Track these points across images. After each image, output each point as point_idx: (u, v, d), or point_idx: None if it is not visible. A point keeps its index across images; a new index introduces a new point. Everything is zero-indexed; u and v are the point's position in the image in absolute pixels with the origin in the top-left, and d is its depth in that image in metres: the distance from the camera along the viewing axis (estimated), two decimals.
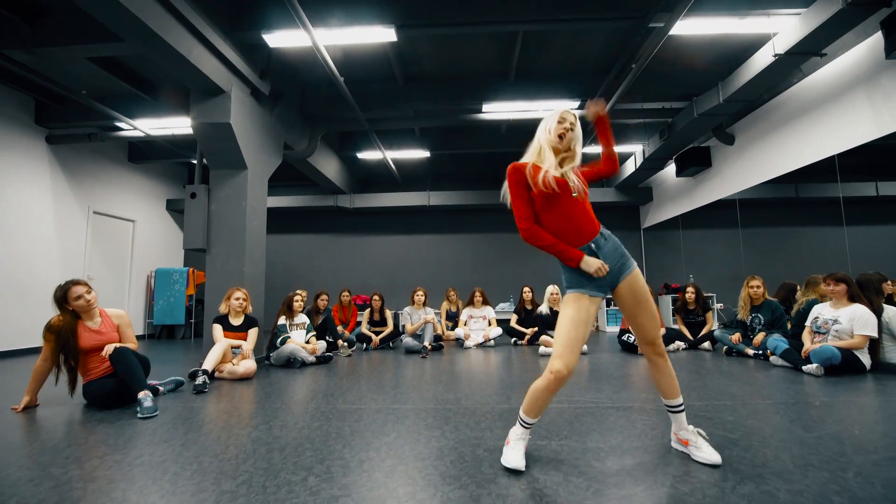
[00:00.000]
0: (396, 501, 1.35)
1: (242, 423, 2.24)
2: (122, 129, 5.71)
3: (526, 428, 1.64)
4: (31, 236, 5.45)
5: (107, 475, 1.58)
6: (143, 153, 7.05)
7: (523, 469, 1.54)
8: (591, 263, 1.58)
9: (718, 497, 1.34)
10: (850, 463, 1.59)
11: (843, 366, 3.22)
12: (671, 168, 6.55)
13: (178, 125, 5.45)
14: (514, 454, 1.58)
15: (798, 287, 4.61)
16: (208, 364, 3.27)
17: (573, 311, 1.60)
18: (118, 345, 2.70)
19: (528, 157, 1.72)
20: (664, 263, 7.68)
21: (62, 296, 2.64)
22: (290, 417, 2.33)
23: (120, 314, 2.91)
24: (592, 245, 1.64)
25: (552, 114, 1.72)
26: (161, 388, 2.96)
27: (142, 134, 5.57)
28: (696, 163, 5.77)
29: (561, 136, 1.67)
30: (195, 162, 7.20)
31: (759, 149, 4.89)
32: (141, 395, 2.50)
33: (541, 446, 1.81)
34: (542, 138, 1.70)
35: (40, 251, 5.56)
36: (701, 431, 1.71)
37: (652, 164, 6.40)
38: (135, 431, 2.12)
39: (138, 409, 2.43)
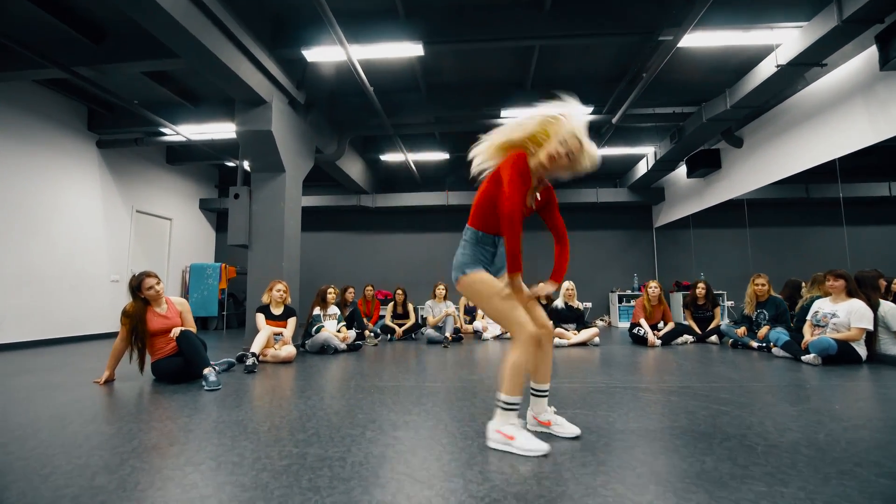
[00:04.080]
0: (441, 448, 1.67)
1: (297, 395, 2.59)
2: (164, 134, 6.16)
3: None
4: (83, 233, 5.93)
5: (193, 433, 1.95)
6: (180, 155, 7.52)
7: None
8: (541, 288, 1.72)
9: (706, 449, 1.64)
10: (824, 428, 1.87)
11: (839, 356, 3.46)
12: (682, 169, 6.76)
13: (217, 130, 5.87)
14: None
15: (803, 284, 4.83)
16: (255, 348, 3.64)
17: (493, 280, 1.71)
18: (183, 328, 3.09)
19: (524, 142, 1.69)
20: (675, 262, 7.89)
21: (137, 285, 3.03)
22: (337, 391, 2.69)
23: (182, 301, 3.30)
24: (497, 239, 1.80)
25: (574, 126, 1.60)
26: (216, 368, 3.34)
27: (183, 138, 6.00)
28: (706, 164, 5.99)
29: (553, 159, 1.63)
30: (229, 164, 7.66)
31: (767, 151, 5.10)
32: (206, 371, 2.87)
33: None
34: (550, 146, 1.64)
35: (91, 247, 6.04)
36: (554, 409, 1.84)
37: (663, 166, 6.63)
38: (206, 401, 2.47)
39: (204, 383, 2.80)
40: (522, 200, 1.61)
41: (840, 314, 3.60)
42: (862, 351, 3.54)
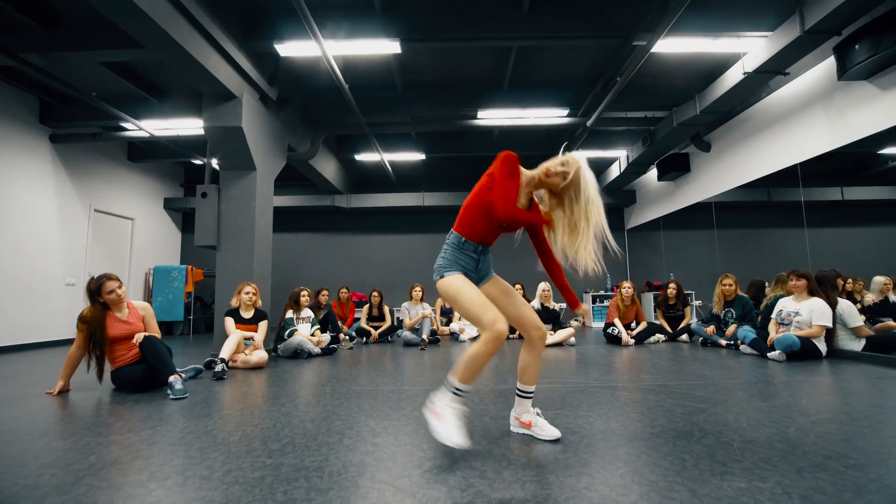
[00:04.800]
0: (423, 454, 1.62)
1: (270, 402, 2.48)
2: (125, 129, 5.84)
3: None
4: (35, 234, 5.55)
5: (158, 446, 1.83)
6: (143, 152, 7.16)
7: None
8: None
9: (686, 447, 1.65)
10: (794, 422, 1.92)
11: (802, 352, 3.61)
12: (653, 172, 6.95)
13: (182, 126, 5.61)
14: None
15: (767, 284, 5.03)
16: (224, 353, 3.48)
17: (469, 284, 1.67)
18: (146, 333, 2.92)
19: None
20: (646, 262, 8.09)
21: (96, 289, 2.84)
22: (312, 397, 2.59)
23: (145, 306, 3.12)
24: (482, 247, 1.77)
25: (579, 166, 1.67)
26: (182, 375, 3.17)
27: (146, 134, 5.71)
28: (676, 168, 6.17)
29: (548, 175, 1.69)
30: (196, 161, 7.36)
31: (733, 156, 5.30)
32: (171, 378, 2.72)
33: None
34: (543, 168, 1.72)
35: (43, 248, 5.66)
36: (539, 411, 1.83)
37: (635, 169, 6.80)
38: (172, 410, 2.34)
39: (169, 391, 2.65)
40: (516, 199, 1.63)
41: (802, 312, 3.76)
42: (822, 347, 3.71)
